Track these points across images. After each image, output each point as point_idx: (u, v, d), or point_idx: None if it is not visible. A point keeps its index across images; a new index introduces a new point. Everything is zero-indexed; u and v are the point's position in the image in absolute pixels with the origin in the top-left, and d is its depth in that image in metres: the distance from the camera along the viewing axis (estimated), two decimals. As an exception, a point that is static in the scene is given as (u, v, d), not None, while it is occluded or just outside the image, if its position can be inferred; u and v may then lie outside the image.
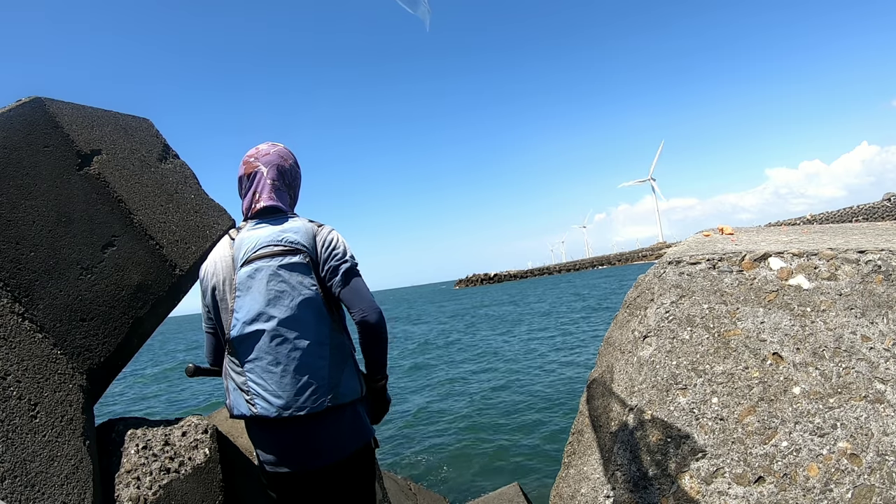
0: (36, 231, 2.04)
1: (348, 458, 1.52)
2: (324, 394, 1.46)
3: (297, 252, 1.52)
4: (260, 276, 1.50)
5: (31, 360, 1.86)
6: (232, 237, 1.62)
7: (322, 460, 1.48)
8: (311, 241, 1.57)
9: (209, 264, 1.62)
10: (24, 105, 2.20)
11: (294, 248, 1.53)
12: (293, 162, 1.72)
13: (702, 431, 1.61)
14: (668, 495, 1.57)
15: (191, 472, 2.08)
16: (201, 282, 1.64)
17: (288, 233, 1.55)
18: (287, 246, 1.52)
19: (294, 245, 1.53)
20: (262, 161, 1.66)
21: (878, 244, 1.78)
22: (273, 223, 1.59)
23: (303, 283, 1.50)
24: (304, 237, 1.56)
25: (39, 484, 1.66)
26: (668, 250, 2.14)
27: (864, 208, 46.41)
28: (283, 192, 1.66)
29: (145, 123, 2.73)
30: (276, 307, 1.47)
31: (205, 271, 1.63)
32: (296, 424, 1.47)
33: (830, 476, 1.46)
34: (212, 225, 2.71)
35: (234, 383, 1.52)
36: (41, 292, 1.99)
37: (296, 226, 1.58)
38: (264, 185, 1.63)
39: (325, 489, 1.53)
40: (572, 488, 1.88)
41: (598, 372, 2.06)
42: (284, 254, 1.52)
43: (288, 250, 1.52)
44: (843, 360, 1.58)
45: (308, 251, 1.54)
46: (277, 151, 1.69)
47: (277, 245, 1.52)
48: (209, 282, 1.60)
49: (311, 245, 1.55)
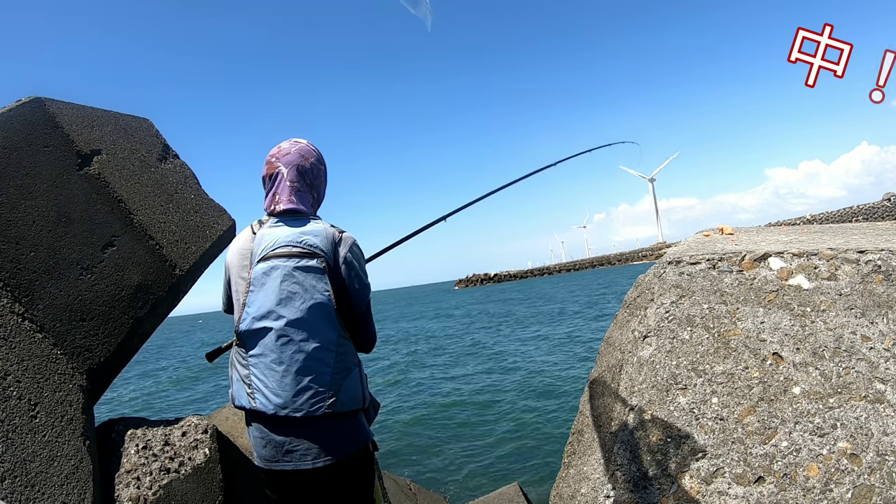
0: (36, 231, 2.04)
1: (345, 460, 1.51)
2: (322, 399, 1.46)
3: (314, 256, 1.52)
4: (275, 274, 1.50)
5: (31, 360, 1.86)
6: (254, 230, 1.63)
7: (317, 461, 1.48)
8: (331, 246, 1.56)
9: (230, 254, 1.66)
10: (24, 105, 2.20)
11: (312, 252, 1.53)
12: (315, 160, 1.69)
13: (702, 431, 1.61)
14: (669, 495, 1.57)
15: (191, 472, 2.08)
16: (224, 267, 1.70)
17: (308, 235, 1.55)
18: (305, 248, 1.53)
19: (312, 248, 1.53)
20: (282, 161, 1.64)
21: (878, 244, 1.78)
22: (294, 224, 1.60)
23: (316, 287, 1.50)
24: (324, 242, 1.55)
25: (39, 484, 1.66)
26: (668, 250, 2.14)
27: (864, 208, 46.44)
28: (303, 192, 1.65)
29: (145, 123, 2.73)
30: (286, 307, 1.48)
31: (226, 258, 1.68)
32: (291, 424, 1.47)
33: (830, 476, 1.46)
34: (212, 225, 2.71)
35: (238, 374, 1.54)
36: (41, 292, 1.99)
37: (317, 229, 1.58)
38: (284, 188, 1.62)
39: (321, 490, 1.52)
40: (572, 488, 1.88)
41: (598, 372, 2.06)
42: (302, 256, 1.52)
43: (306, 253, 1.52)
44: (843, 360, 1.58)
45: (326, 256, 1.54)
46: (298, 150, 1.67)
47: (296, 246, 1.53)
48: (228, 270, 1.65)
49: (329, 251, 1.55)
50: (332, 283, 1.53)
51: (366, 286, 1.64)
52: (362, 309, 1.63)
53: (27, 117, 2.18)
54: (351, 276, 1.58)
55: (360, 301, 1.62)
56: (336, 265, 1.56)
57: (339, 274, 1.56)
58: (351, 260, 1.59)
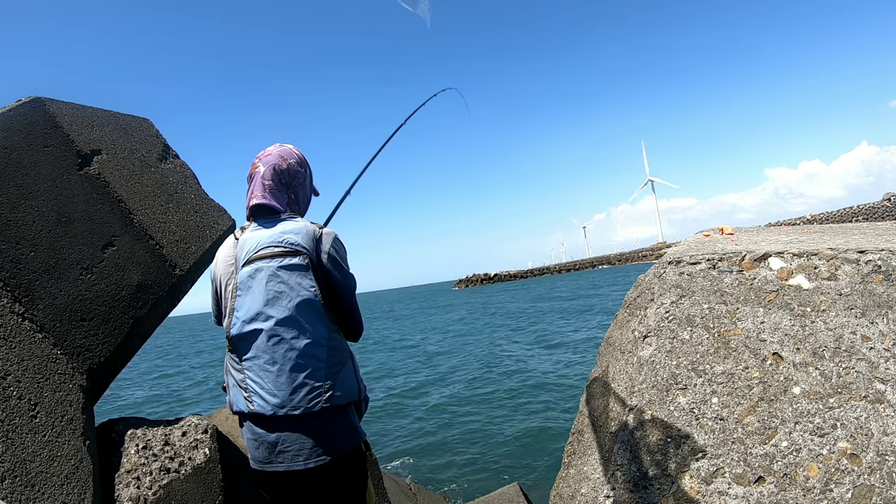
0: (36, 231, 2.04)
1: (338, 460, 1.52)
2: (319, 394, 1.47)
3: (296, 253, 1.54)
4: (260, 276, 1.52)
5: (31, 360, 1.86)
6: (236, 237, 1.66)
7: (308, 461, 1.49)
8: (312, 243, 1.58)
9: (215, 263, 1.68)
10: (24, 105, 2.20)
11: (294, 250, 1.54)
12: (295, 161, 1.73)
13: (702, 431, 1.61)
14: (668, 495, 1.57)
15: (191, 472, 2.08)
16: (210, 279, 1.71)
17: (289, 234, 1.57)
18: (287, 247, 1.54)
19: (294, 246, 1.55)
20: (262, 161, 1.70)
21: (878, 244, 1.78)
22: (272, 224, 1.62)
23: (301, 285, 1.52)
24: (305, 239, 1.57)
25: (39, 484, 1.66)
26: (668, 250, 2.14)
27: (864, 208, 46.39)
28: (277, 191, 1.68)
29: (145, 123, 2.73)
30: (274, 307, 1.49)
31: (212, 269, 1.69)
32: (290, 423, 1.48)
33: (830, 476, 1.46)
34: (212, 225, 2.71)
35: (234, 380, 1.55)
36: (41, 292, 1.99)
37: (297, 227, 1.60)
38: (258, 184, 1.67)
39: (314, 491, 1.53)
40: (572, 488, 1.88)
41: (598, 372, 2.06)
42: (284, 255, 1.54)
43: (288, 251, 1.54)
44: (843, 360, 1.58)
45: (308, 252, 1.56)
46: (279, 151, 1.73)
47: (278, 246, 1.55)
48: (215, 280, 1.67)
49: (311, 247, 1.57)
50: (317, 279, 1.55)
51: (350, 278, 1.66)
52: (350, 302, 1.65)
53: (27, 117, 2.18)
54: (335, 270, 1.60)
55: (346, 293, 1.64)
56: (319, 261, 1.58)
57: (323, 269, 1.58)
58: (333, 254, 1.61)
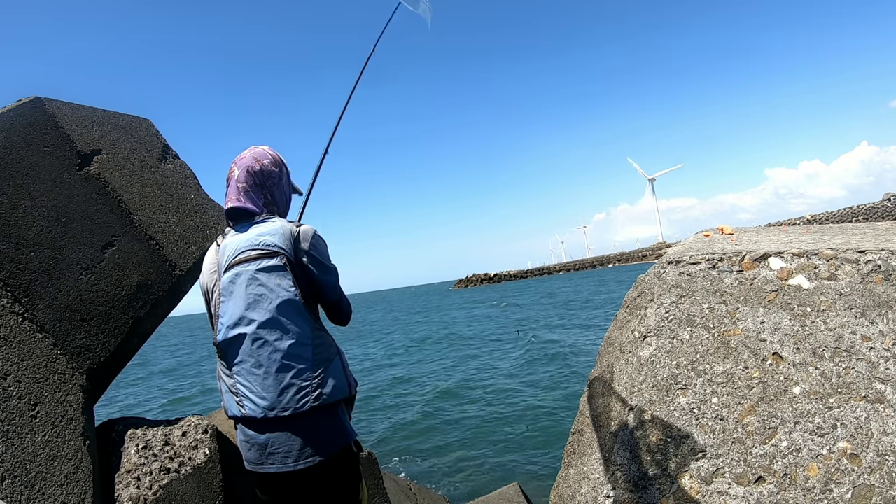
0: (36, 231, 2.04)
1: (327, 461, 1.52)
2: (307, 394, 1.48)
3: (274, 255, 1.54)
4: (240, 280, 1.52)
5: (31, 360, 1.86)
6: (218, 243, 1.66)
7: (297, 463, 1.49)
8: (290, 242, 1.57)
9: (203, 275, 1.68)
10: (24, 105, 2.20)
11: (271, 251, 1.54)
12: (269, 162, 1.71)
13: (702, 431, 1.61)
14: (668, 495, 1.57)
15: (191, 472, 2.08)
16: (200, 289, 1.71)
17: (265, 236, 1.57)
18: (264, 249, 1.54)
19: (271, 248, 1.54)
20: (237, 164, 1.69)
21: (878, 244, 1.78)
22: (248, 227, 1.61)
23: (281, 286, 1.52)
24: (281, 239, 1.56)
25: (39, 484, 1.66)
26: (668, 250, 2.14)
27: (864, 208, 46.38)
28: (252, 193, 1.67)
29: (145, 123, 2.73)
30: (255, 311, 1.50)
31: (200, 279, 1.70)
32: (280, 424, 1.48)
33: (830, 476, 1.46)
34: (212, 225, 2.71)
35: (226, 385, 1.56)
36: (41, 292, 1.99)
37: (273, 228, 1.59)
38: (233, 187, 1.66)
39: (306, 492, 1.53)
40: (572, 488, 1.88)
41: (598, 372, 2.06)
42: (262, 257, 1.54)
43: (265, 254, 1.54)
44: (843, 360, 1.58)
45: (286, 253, 1.55)
46: (254, 153, 1.71)
47: (255, 249, 1.54)
48: (203, 289, 1.68)
49: (289, 247, 1.56)
50: (297, 278, 1.55)
51: (331, 271, 1.66)
52: (335, 296, 1.67)
53: (27, 117, 2.18)
54: (313, 267, 1.60)
55: (330, 288, 1.65)
56: (298, 259, 1.58)
57: (302, 266, 1.58)
58: (311, 251, 1.61)
